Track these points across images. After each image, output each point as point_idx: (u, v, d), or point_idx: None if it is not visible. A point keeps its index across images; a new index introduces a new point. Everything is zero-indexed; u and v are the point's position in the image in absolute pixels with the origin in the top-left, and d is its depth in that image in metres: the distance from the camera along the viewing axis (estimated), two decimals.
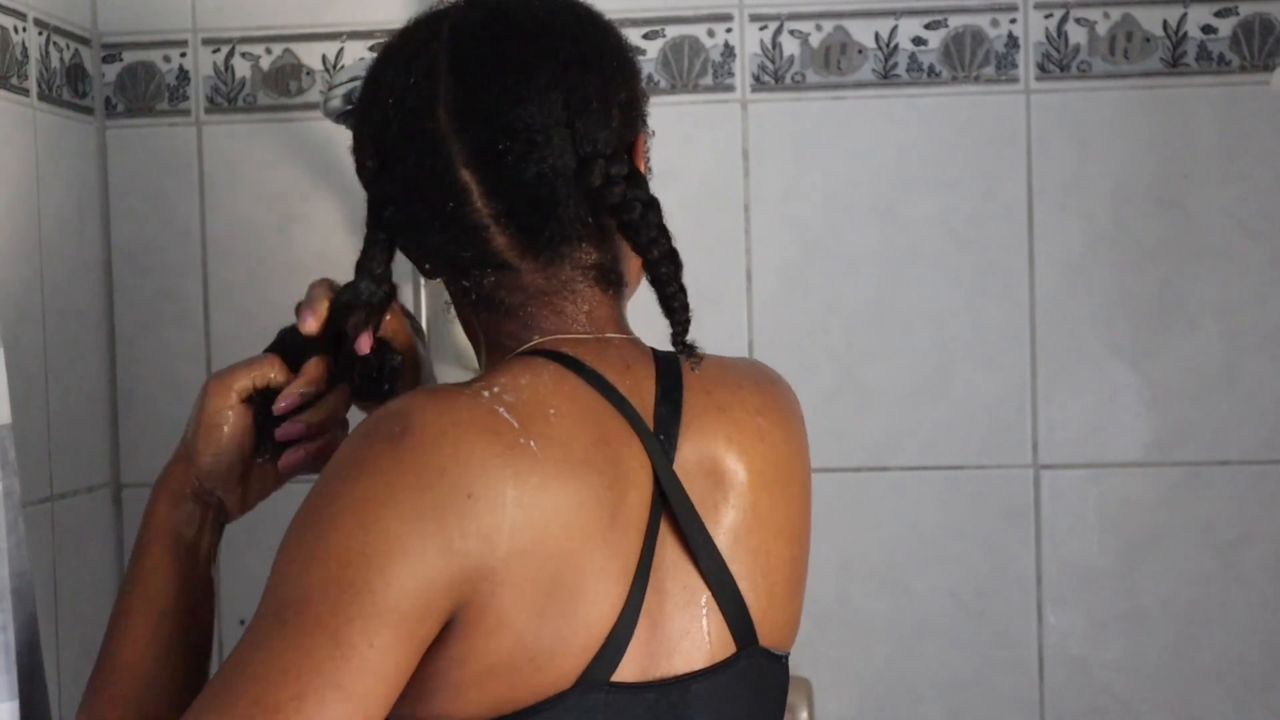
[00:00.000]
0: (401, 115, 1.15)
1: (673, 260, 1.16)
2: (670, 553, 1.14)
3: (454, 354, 1.96)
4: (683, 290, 1.16)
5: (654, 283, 1.17)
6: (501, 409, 1.07)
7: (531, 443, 1.06)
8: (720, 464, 1.18)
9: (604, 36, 1.21)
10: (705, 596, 1.15)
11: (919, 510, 2.06)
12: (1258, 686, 2.04)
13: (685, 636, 1.14)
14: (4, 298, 1.77)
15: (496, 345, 1.20)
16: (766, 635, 1.19)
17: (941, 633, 2.06)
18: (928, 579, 2.05)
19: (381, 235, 1.20)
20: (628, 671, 1.10)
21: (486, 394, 1.08)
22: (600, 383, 1.14)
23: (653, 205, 1.16)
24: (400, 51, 1.19)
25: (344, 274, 1.27)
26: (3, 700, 1.30)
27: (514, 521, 1.04)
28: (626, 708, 1.10)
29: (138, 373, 2.11)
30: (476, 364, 1.26)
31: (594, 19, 1.22)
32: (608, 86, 1.18)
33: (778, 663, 1.22)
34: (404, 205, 1.17)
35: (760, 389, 1.23)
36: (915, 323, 2.05)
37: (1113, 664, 2.05)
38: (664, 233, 1.16)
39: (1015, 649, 2.05)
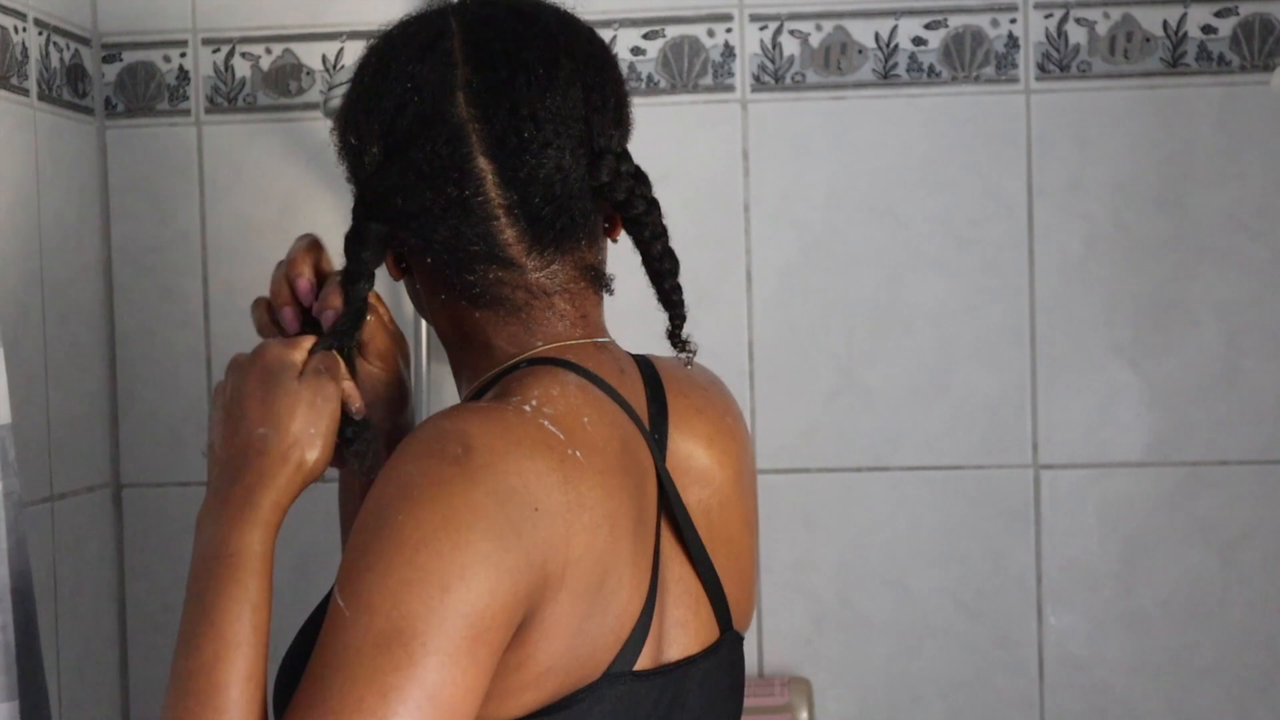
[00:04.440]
0: (418, 101, 1.15)
1: (672, 258, 1.22)
2: (668, 547, 1.19)
3: None
4: (680, 287, 1.22)
5: (654, 279, 1.22)
6: (546, 422, 1.09)
7: (577, 453, 1.09)
8: (701, 462, 1.24)
9: (602, 40, 1.24)
10: (697, 587, 1.21)
11: (919, 510, 2.06)
12: (1258, 686, 2.04)
13: (682, 625, 1.19)
14: (4, 298, 1.77)
15: (486, 346, 1.19)
16: (737, 620, 1.26)
17: (941, 633, 2.06)
18: (928, 579, 2.05)
19: (379, 227, 1.17)
20: (644, 660, 1.14)
21: (528, 408, 1.10)
22: (608, 388, 1.17)
23: (655, 204, 1.21)
24: (408, 42, 1.19)
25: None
26: (2, 700, 1.30)
27: (571, 530, 1.07)
28: (645, 694, 1.13)
29: (138, 373, 2.11)
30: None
31: (584, 24, 1.25)
32: (618, 86, 1.22)
33: (741, 644, 1.29)
34: (413, 194, 1.16)
35: (720, 391, 1.32)
36: (915, 323, 2.05)
37: (1113, 664, 2.05)
38: (665, 231, 1.22)
39: (1015, 649, 2.05)
